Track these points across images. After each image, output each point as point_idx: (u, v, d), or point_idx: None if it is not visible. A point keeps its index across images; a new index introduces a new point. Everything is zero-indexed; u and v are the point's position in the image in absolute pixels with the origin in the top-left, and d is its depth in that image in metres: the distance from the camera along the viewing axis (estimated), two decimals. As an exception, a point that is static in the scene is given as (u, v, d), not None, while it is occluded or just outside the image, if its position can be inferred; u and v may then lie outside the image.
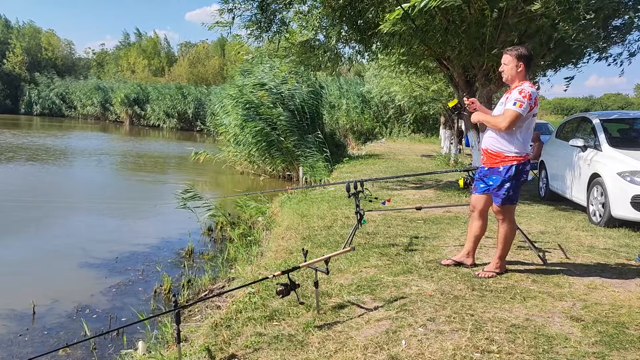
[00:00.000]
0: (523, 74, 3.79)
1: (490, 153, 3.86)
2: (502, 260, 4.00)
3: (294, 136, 14.80)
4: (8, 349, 4.37)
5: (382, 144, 23.43)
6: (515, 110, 3.64)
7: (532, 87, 3.74)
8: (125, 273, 6.33)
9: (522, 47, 3.86)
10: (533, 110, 3.73)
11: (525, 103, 3.64)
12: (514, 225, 3.94)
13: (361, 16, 8.46)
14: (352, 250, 3.95)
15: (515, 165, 3.74)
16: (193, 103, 42.07)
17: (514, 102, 3.67)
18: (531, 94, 3.67)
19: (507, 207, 3.84)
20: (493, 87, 9.37)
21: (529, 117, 3.72)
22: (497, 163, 3.80)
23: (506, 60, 3.83)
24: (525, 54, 3.78)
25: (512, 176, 3.74)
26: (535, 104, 3.71)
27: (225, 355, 3.01)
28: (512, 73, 3.81)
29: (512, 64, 3.79)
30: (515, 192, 3.81)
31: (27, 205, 10.10)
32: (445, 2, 5.99)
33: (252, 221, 8.98)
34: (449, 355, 2.67)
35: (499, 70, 3.99)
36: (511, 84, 3.85)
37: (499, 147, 3.79)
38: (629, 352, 2.73)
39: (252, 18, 8.97)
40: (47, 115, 53.88)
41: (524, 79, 3.81)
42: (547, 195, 8.39)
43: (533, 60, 3.98)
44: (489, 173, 3.87)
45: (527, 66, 3.79)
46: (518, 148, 3.75)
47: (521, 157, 3.76)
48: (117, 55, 62.46)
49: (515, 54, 3.78)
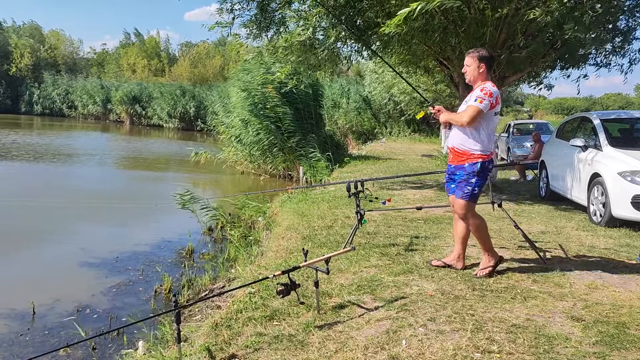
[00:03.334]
0: (485, 74, 3.90)
1: (456, 151, 3.94)
2: (491, 252, 4.03)
3: (297, 135, 14.77)
4: (9, 349, 4.37)
5: (382, 144, 23.41)
6: (476, 106, 3.76)
7: (493, 86, 3.86)
8: (126, 273, 6.33)
9: (483, 49, 3.99)
10: (495, 108, 3.82)
11: (485, 99, 3.75)
12: (479, 218, 3.97)
13: (360, 16, 8.46)
14: (352, 250, 3.95)
15: (480, 162, 3.82)
16: (194, 103, 42.07)
17: (475, 99, 3.80)
18: (492, 92, 3.79)
19: (469, 204, 3.88)
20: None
21: (490, 114, 3.82)
22: (462, 161, 3.88)
23: (468, 62, 3.95)
24: (486, 55, 3.90)
25: (478, 172, 3.81)
26: (496, 102, 3.81)
27: (225, 355, 3.01)
28: (474, 74, 3.93)
29: (473, 65, 3.91)
30: (479, 190, 3.88)
31: (27, 205, 10.10)
32: (445, 4, 5.98)
33: (252, 221, 8.98)
34: (449, 355, 2.67)
35: (462, 71, 4.10)
36: (474, 84, 3.95)
37: (465, 146, 3.87)
38: (629, 352, 2.73)
39: (252, 18, 8.97)
40: (47, 115, 53.89)
41: (486, 79, 3.91)
42: (548, 195, 8.39)
43: (494, 61, 4.09)
44: (455, 170, 3.95)
45: (488, 67, 3.91)
46: (483, 146, 3.83)
47: (485, 155, 3.84)
48: (118, 54, 62.45)
49: (477, 56, 3.90)
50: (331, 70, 10.42)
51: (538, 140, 11.97)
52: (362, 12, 8.18)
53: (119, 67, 59.94)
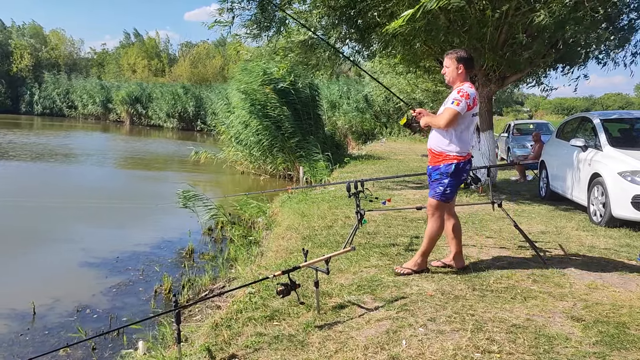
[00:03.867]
0: (463, 75, 3.90)
1: (433, 152, 3.94)
2: (424, 257, 4.04)
3: (297, 136, 14.79)
4: (9, 349, 4.37)
5: (382, 144, 23.41)
6: (453, 109, 3.75)
7: (471, 87, 3.84)
8: (126, 273, 6.33)
9: (462, 50, 3.98)
10: (472, 109, 3.81)
11: (462, 102, 3.74)
12: (442, 223, 3.96)
13: (361, 16, 8.45)
14: (352, 250, 3.94)
15: (455, 163, 3.81)
16: (194, 103, 42.06)
17: (452, 101, 3.79)
18: (469, 94, 3.77)
19: (441, 204, 3.88)
20: (493, 87, 9.37)
21: (467, 116, 3.81)
22: (439, 161, 3.88)
23: (447, 63, 3.95)
24: (464, 56, 3.90)
25: (452, 173, 3.81)
26: (474, 103, 3.80)
27: (225, 355, 3.01)
28: (453, 75, 3.92)
29: (452, 67, 3.91)
30: (452, 191, 3.86)
31: (27, 205, 10.10)
32: (451, 3, 5.98)
33: (252, 221, 8.98)
34: (449, 355, 2.67)
35: (441, 72, 4.10)
36: (453, 85, 3.94)
37: (442, 147, 3.87)
38: (630, 352, 2.72)
39: (252, 17, 8.96)
40: (47, 115, 53.89)
41: (465, 80, 3.90)
42: (548, 195, 8.38)
43: (473, 62, 4.09)
44: (432, 171, 3.95)
45: (466, 68, 3.90)
46: (459, 147, 3.82)
47: (461, 156, 3.83)
48: (118, 54, 62.43)
49: (455, 57, 3.89)
50: (331, 70, 10.42)
51: (538, 140, 11.96)
52: (364, 11, 8.17)
53: (119, 67, 59.93)
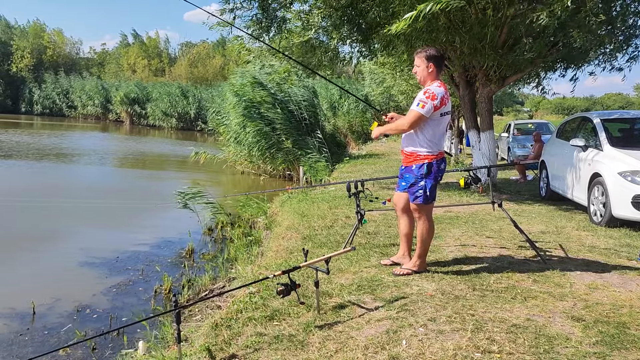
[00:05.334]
0: (434, 74, 3.86)
1: (405, 153, 3.93)
2: (422, 259, 4.02)
3: (292, 137, 14.81)
4: (8, 349, 4.37)
5: (382, 143, 23.39)
6: (417, 111, 3.73)
7: (440, 86, 3.80)
8: (126, 273, 6.33)
9: (432, 49, 3.92)
10: (440, 109, 3.76)
11: (428, 103, 3.70)
12: (431, 223, 3.95)
13: (362, 16, 8.45)
14: (352, 250, 3.94)
15: (427, 163, 3.79)
16: (194, 103, 42.06)
17: (417, 103, 3.76)
18: (436, 93, 3.72)
19: (423, 206, 3.86)
20: (493, 87, 9.37)
21: (435, 116, 3.76)
22: (410, 162, 3.87)
23: (417, 62, 3.91)
24: (434, 54, 3.85)
25: (425, 174, 3.79)
26: (441, 103, 3.74)
27: (225, 355, 3.01)
28: (423, 74, 3.88)
29: (422, 66, 3.87)
30: (431, 191, 3.84)
31: (27, 205, 10.10)
32: (450, 4, 5.98)
33: (252, 221, 8.98)
34: (449, 355, 2.67)
35: (413, 72, 4.06)
36: (424, 84, 3.91)
37: (412, 147, 3.86)
38: (630, 352, 2.72)
39: (253, 18, 8.97)
40: (47, 115, 53.91)
41: (436, 78, 3.87)
42: (548, 195, 8.38)
43: (444, 60, 4.05)
44: (405, 172, 3.94)
45: (437, 66, 3.86)
46: (430, 147, 3.80)
47: (433, 155, 3.81)
48: (118, 54, 62.44)
49: (425, 56, 3.85)
50: (331, 70, 10.43)
51: (538, 140, 11.97)
52: (365, 12, 8.18)
53: (119, 67, 59.94)
